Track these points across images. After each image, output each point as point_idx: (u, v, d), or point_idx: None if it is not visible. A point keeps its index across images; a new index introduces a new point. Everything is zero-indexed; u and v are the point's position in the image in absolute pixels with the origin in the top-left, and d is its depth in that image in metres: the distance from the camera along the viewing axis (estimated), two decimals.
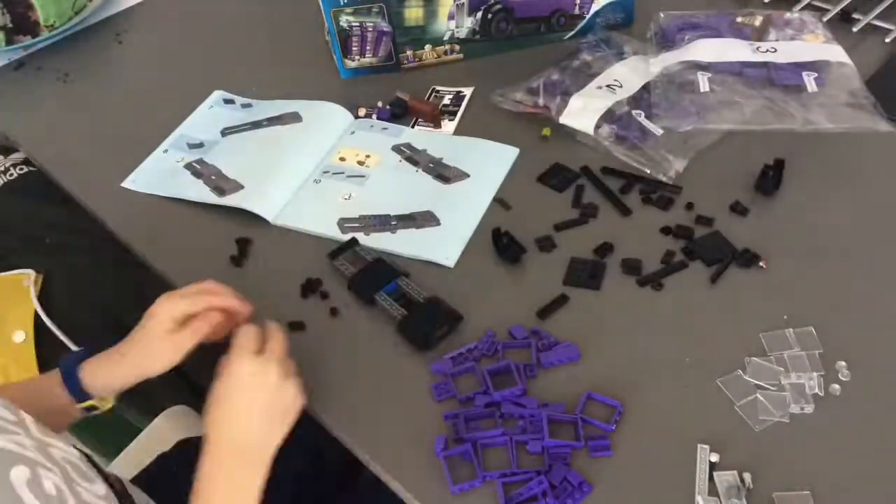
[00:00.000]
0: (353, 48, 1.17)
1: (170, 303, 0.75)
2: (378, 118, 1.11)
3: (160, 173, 1.07)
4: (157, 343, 0.73)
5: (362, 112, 1.12)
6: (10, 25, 1.30)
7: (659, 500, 0.69)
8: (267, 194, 1.00)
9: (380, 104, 1.13)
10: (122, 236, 1.01)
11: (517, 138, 1.05)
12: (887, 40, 1.12)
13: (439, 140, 1.07)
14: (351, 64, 1.18)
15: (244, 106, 1.17)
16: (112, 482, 0.69)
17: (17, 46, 1.32)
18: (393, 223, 0.95)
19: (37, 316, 1.05)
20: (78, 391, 0.75)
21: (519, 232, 0.92)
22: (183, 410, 1.08)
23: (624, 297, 0.85)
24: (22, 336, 1.03)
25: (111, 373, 0.75)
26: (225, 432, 0.68)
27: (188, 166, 1.07)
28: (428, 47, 1.18)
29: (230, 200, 1.00)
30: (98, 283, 1.12)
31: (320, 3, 1.11)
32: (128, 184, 1.07)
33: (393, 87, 1.14)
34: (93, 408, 0.77)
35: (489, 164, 1.02)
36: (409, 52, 1.18)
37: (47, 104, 1.24)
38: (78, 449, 0.67)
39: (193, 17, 1.41)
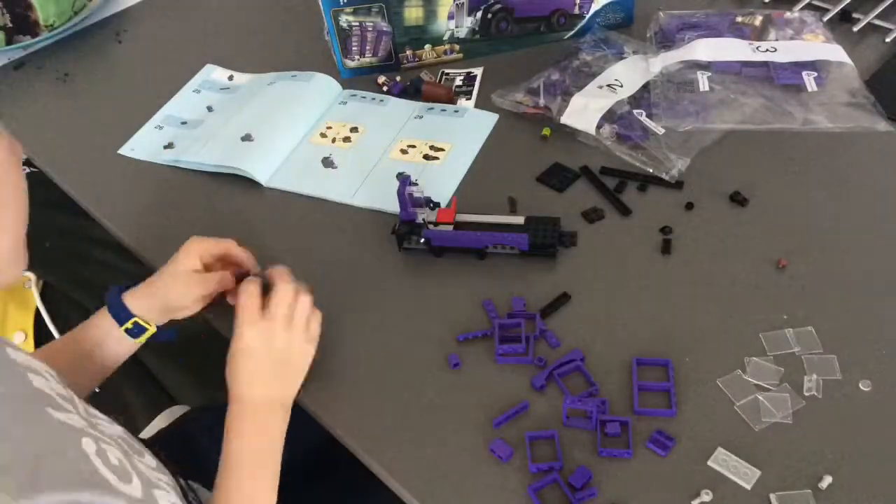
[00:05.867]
0: (353, 48, 1.17)
1: (197, 243, 0.83)
2: (390, 92, 1.16)
3: (156, 143, 1.13)
4: (182, 278, 0.82)
5: (381, 80, 1.17)
6: (10, 25, 1.30)
7: (664, 497, 0.69)
8: (259, 158, 1.05)
9: (398, 78, 1.17)
10: (121, 236, 1.01)
11: (517, 138, 1.05)
12: (887, 40, 1.12)
13: (421, 108, 1.12)
14: (351, 64, 1.18)
15: (230, 79, 1.24)
16: (155, 452, 0.71)
17: (16, 46, 1.32)
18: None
19: (36, 317, 1.05)
20: (124, 314, 0.81)
21: None
22: (182, 410, 1.08)
23: (624, 297, 0.85)
24: (21, 337, 1.04)
25: (147, 304, 0.82)
26: (244, 390, 0.74)
27: (185, 135, 1.12)
28: (428, 47, 1.18)
29: (226, 165, 1.04)
30: (96, 292, 1.12)
31: (320, 4, 1.12)
32: (125, 151, 1.12)
33: None
34: (137, 331, 0.82)
35: (470, 130, 1.07)
36: (408, 52, 1.18)
37: (47, 104, 1.24)
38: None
39: (193, 17, 1.41)
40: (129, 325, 0.82)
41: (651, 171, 0.97)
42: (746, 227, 0.90)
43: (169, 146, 1.11)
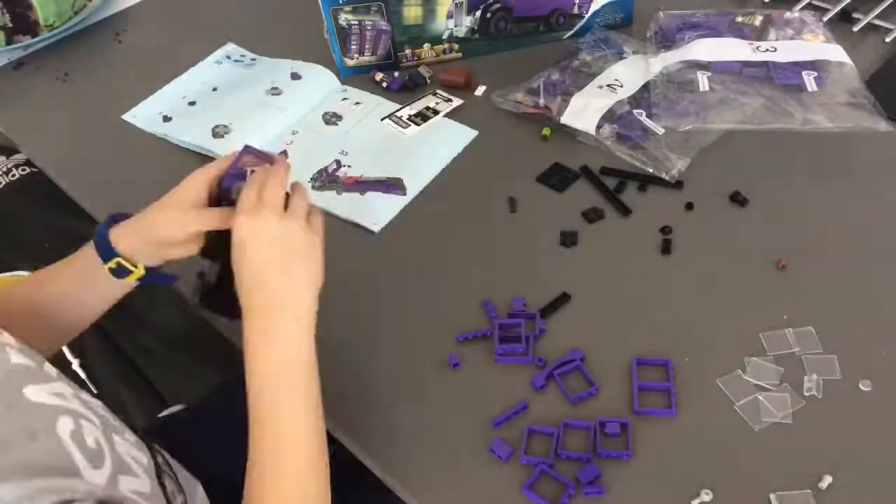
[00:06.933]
0: (353, 47, 1.17)
1: (205, 171, 0.72)
2: (389, 87, 1.16)
3: (156, 116, 1.16)
4: (175, 210, 0.71)
5: (378, 77, 1.17)
6: (10, 25, 1.30)
7: (664, 497, 0.69)
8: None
9: (396, 74, 1.17)
10: None
11: (517, 138, 1.05)
12: (887, 40, 1.12)
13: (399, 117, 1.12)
14: (350, 62, 1.18)
15: (251, 60, 1.27)
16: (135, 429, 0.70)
17: (16, 46, 1.32)
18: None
19: None
20: (107, 250, 0.72)
21: (518, 232, 0.93)
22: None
23: (624, 297, 0.85)
24: None
25: (134, 241, 0.72)
26: (245, 301, 0.66)
27: (184, 111, 1.16)
28: (427, 46, 1.18)
29: (206, 147, 1.06)
30: None
31: (319, 2, 1.11)
32: (128, 117, 1.16)
33: None
34: (122, 272, 0.72)
35: (444, 142, 1.06)
36: (407, 51, 1.18)
37: (47, 104, 1.24)
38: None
39: (193, 17, 1.41)
40: (112, 264, 0.72)
41: (651, 171, 0.97)
42: (746, 227, 0.90)
43: (167, 119, 1.14)
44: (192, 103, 1.17)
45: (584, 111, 1.02)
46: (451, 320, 0.84)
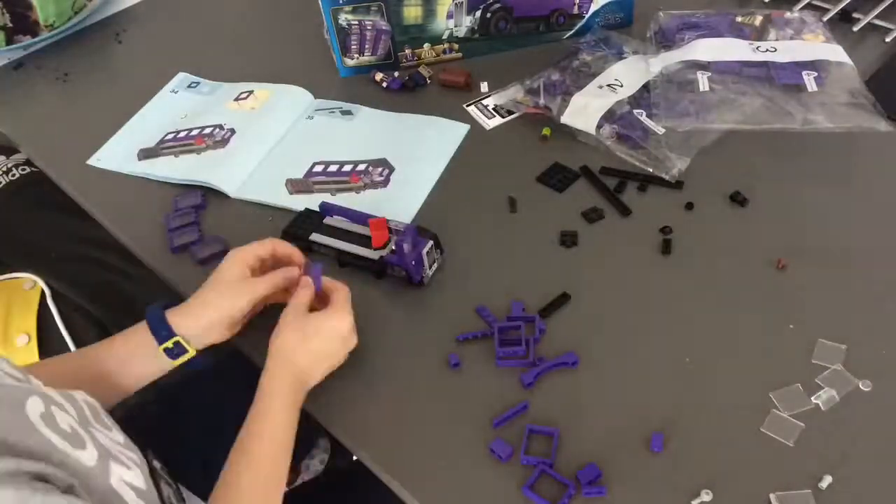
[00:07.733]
0: (353, 47, 1.17)
1: (241, 251, 0.82)
2: (389, 87, 1.16)
3: (125, 153, 1.11)
4: (228, 289, 0.79)
5: (378, 77, 1.17)
6: (10, 25, 1.30)
7: (664, 497, 0.69)
8: (227, 170, 1.05)
9: (396, 74, 1.17)
10: (122, 237, 1.01)
11: (517, 138, 1.05)
12: (887, 40, 1.12)
13: (392, 119, 1.11)
14: (350, 62, 1.19)
15: (211, 89, 1.22)
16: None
17: (16, 46, 1.32)
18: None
19: (39, 319, 1.05)
20: (166, 332, 0.77)
21: (518, 232, 0.93)
22: None
23: (624, 297, 0.85)
24: (25, 339, 1.03)
25: (192, 324, 0.78)
26: (298, 365, 0.75)
27: (155, 146, 1.11)
28: (427, 46, 1.18)
29: (194, 178, 1.04)
30: (99, 295, 1.11)
31: (319, 2, 1.11)
32: (93, 161, 1.10)
33: None
34: (178, 351, 0.78)
35: (439, 140, 1.06)
36: (407, 51, 1.18)
37: (47, 104, 1.24)
38: None
39: (193, 16, 1.41)
40: (169, 344, 0.77)
41: (651, 171, 0.97)
42: (746, 227, 0.90)
43: (142, 155, 1.10)
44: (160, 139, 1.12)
45: (584, 111, 1.02)
46: (451, 320, 0.84)
